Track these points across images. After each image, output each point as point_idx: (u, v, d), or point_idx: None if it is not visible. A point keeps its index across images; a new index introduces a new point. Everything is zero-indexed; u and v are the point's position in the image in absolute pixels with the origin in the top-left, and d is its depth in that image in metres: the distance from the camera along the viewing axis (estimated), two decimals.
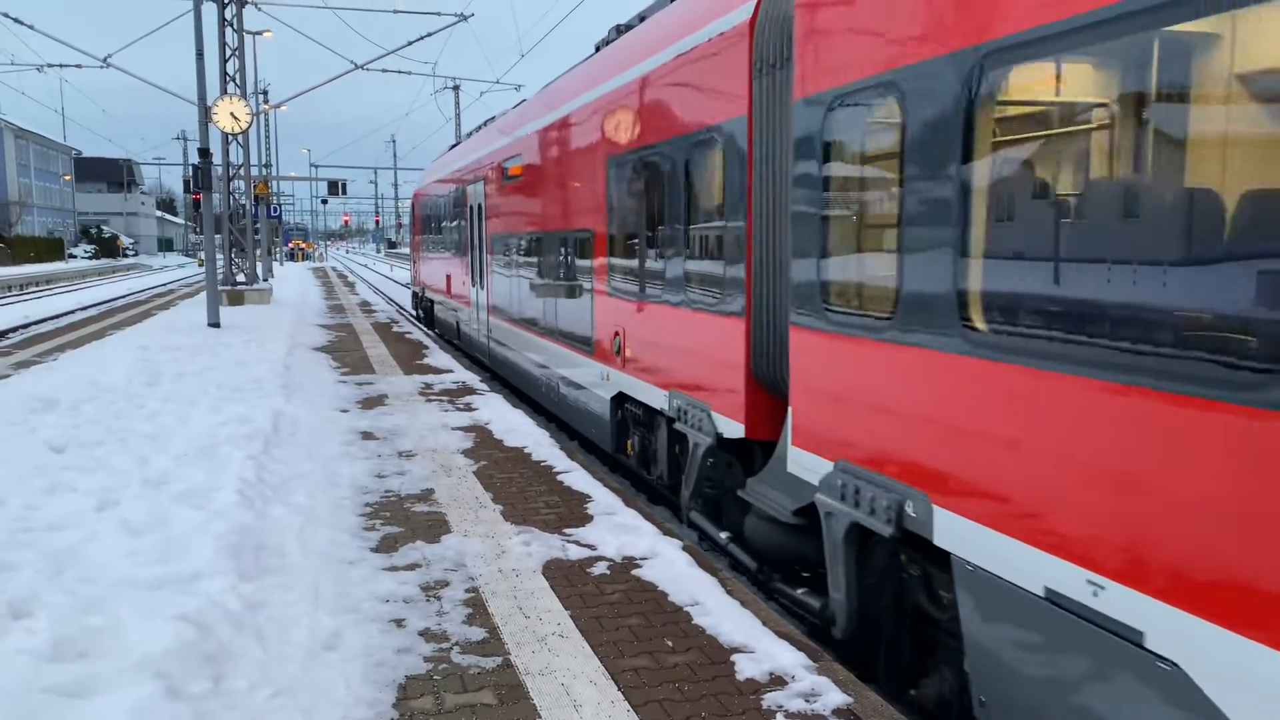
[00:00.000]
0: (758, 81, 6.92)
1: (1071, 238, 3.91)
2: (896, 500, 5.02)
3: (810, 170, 5.92)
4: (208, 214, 23.31)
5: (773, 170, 6.77)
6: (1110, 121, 3.82)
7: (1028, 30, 4.01)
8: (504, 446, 10.82)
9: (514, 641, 5.55)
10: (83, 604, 5.27)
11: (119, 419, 10.80)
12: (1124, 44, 3.61)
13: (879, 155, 5.29)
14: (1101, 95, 3.86)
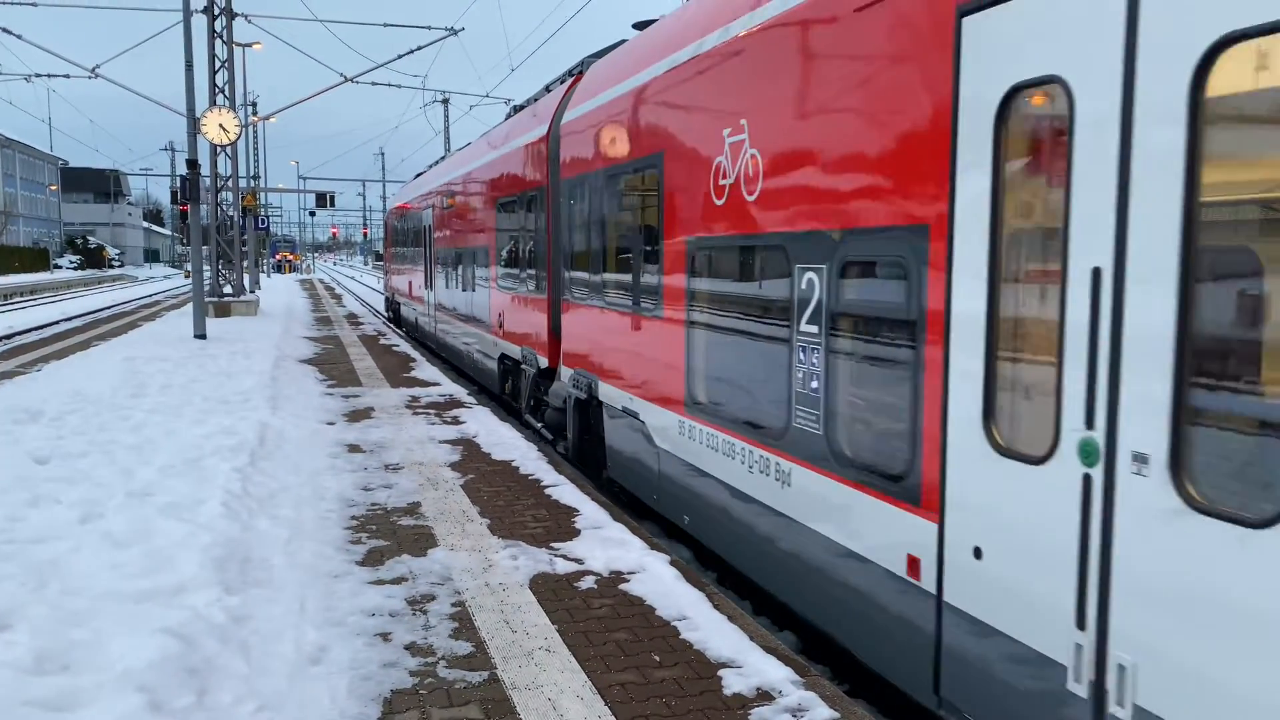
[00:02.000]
0: (550, 165, 12.02)
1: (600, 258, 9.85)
2: (588, 382, 10.40)
3: (564, 216, 11.19)
4: (195, 225, 23.25)
5: (556, 215, 11.80)
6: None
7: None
8: (491, 460, 10.80)
9: (501, 656, 5.52)
10: (65, 617, 5.23)
11: (104, 430, 10.74)
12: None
13: (585, 214, 10.43)
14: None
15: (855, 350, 5.48)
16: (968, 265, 4.50)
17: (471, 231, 17.67)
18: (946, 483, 4.68)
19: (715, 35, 7.12)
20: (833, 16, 5.59)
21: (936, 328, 4.73)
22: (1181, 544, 3.43)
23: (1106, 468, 3.75)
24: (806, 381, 5.96)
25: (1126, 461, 3.65)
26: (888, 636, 5.20)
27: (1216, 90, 3.34)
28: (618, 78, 9.55)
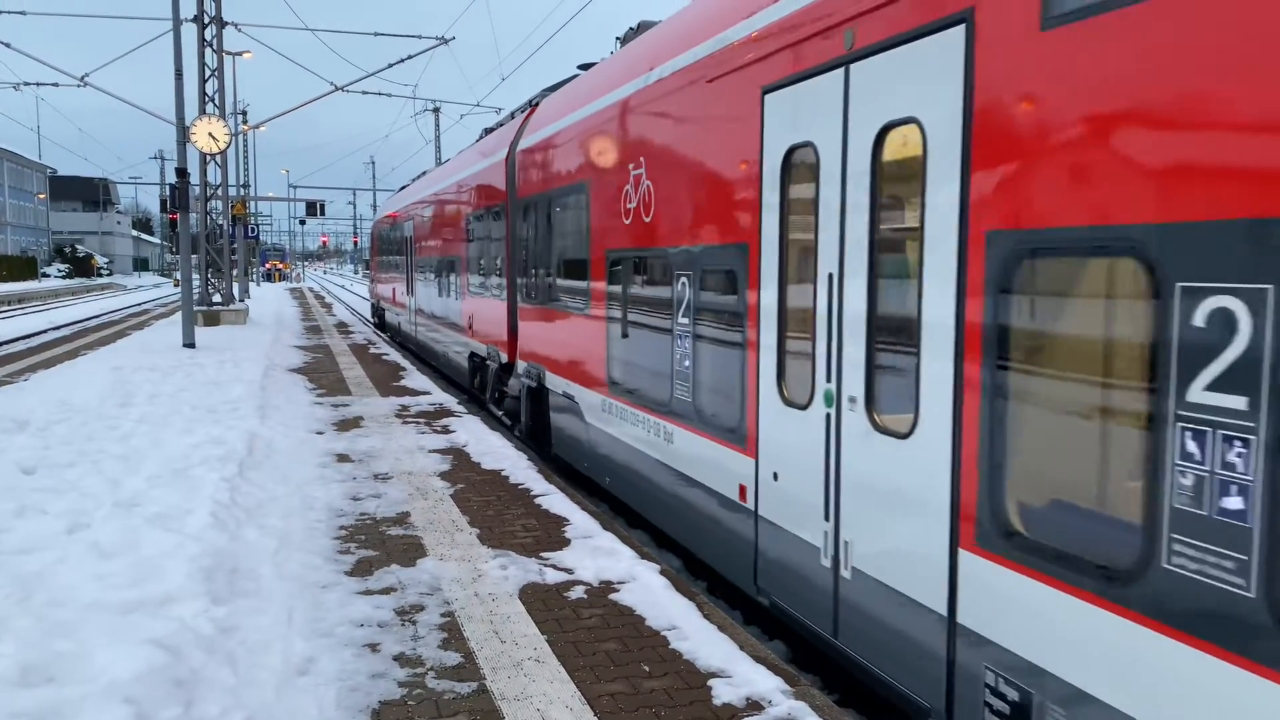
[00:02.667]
0: (509, 185, 13.72)
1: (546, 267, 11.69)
2: (538, 373, 12.11)
3: (519, 234, 13.07)
4: (184, 234, 23.19)
5: (513, 229, 13.51)
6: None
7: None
8: (481, 469, 10.77)
9: (490, 666, 5.51)
10: (51, 628, 5.20)
11: (91, 440, 10.69)
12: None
13: (534, 229, 12.22)
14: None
15: (709, 336, 7.31)
16: (768, 274, 6.32)
17: (446, 243, 19.73)
18: (760, 429, 6.49)
19: (623, 89, 9.03)
20: (693, 83, 7.40)
21: (752, 319, 6.54)
22: (871, 453, 5.26)
23: (837, 408, 5.55)
24: (682, 362, 7.80)
25: (847, 403, 5.46)
26: (728, 545, 7.08)
27: (878, 157, 5.14)
28: (557, 115, 11.54)
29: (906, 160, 5.00)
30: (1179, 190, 3.44)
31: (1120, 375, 3.81)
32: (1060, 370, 4.09)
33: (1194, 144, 3.39)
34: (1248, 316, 3.17)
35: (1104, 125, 3.76)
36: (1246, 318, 3.18)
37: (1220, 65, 3.28)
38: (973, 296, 4.46)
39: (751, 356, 6.56)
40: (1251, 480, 3.18)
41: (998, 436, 4.33)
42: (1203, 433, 3.36)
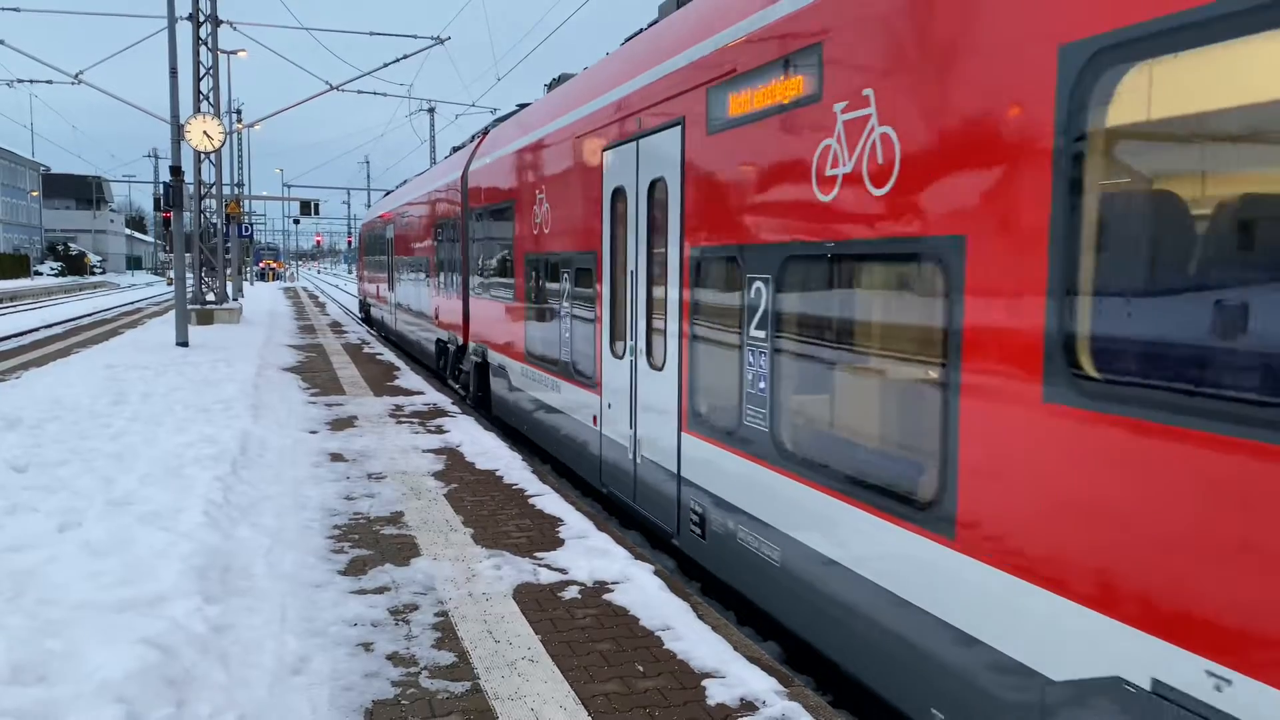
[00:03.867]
0: (463, 199, 16.66)
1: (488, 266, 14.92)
2: (482, 351, 15.28)
3: (475, 236, 15.62)
4: (178, 232, 23.13)
5: (467, 236, 16.46)
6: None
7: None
8: (475, 469, 10.76)
9: (483, 666, 5.49)
10: (42, 626, 5.17)
11: (83, 439, 10.65)
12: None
13: (481, 236, 15.24)
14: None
15: (578, 316, 10.32)
16: (606, 272, 9.37)
17: (418, 247, 22.89)
18: (603, 375, 9.53)
19: (534, 133, 12.16)
20: (571, 137, 10.51)
21: (599, 303, 9.55)
22: (648, 382, 8.26)
23: (634, 357, 8.59)
24: (563, 335, 10.89)
25: (640, 352, 8.45)
26: (587, 458, 10.21)
27: (653, 196, 8.04)
28: (495, 146, 14.78)
29: (660, 200, 8.02)
30: (747, 226, 6.49)
31: (733, 327, 6.72)
32: (718, 327, 6.98)
33: (748, 201, 6.47)
34: (769, 291, 6.20)
35: (725, 187, 6.80)
36: (768, 292, 6.21)
37: (759, 163, 6.33)
38: (682, 288, 7.49)
39: (599, 328, 9.63)
40: (768, 374, 6.28)
41: (694, 368, 7.41)
42: (756, 351, 6.40)
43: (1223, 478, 3.20)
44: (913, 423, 4.88)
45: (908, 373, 4.90)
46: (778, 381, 6.14)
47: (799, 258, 5.85)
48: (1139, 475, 3.50)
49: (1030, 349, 3.99)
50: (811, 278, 5.76)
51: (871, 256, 5.20)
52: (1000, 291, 4.17)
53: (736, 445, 6.71)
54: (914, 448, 4.88)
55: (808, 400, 5.91)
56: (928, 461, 4.71)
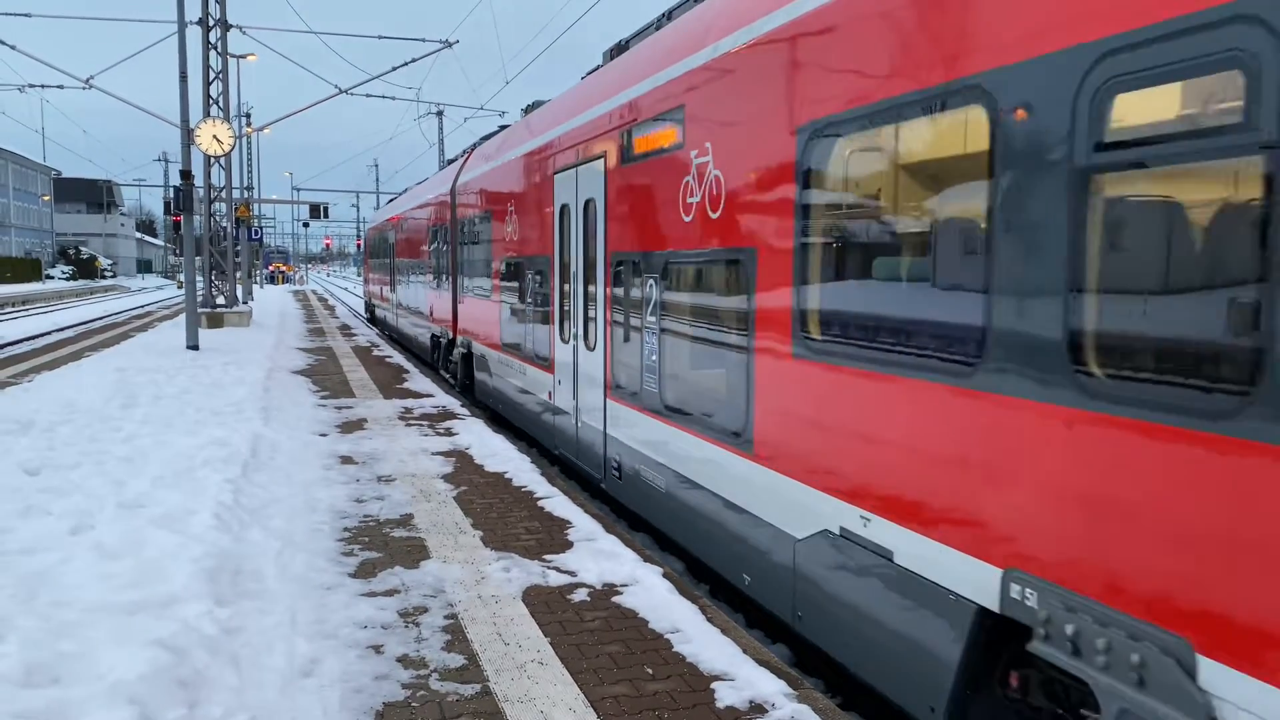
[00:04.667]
0: (452, 209, 18.99)
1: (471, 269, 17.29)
2: (467, 343, 17.65)
3: (462, 242, 17.96)
4: (188, 236, 23.22)
5: (456, 242, 18.53)
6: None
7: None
8: (484, 472, 10.78)
9: (493, 668, 5.51)
10: (55, 628, 5.21)
11: (95, 441, 10.71)
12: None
13: (466, 242, 17.63)
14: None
15: (536, 308, 12.42)
16: (557, 272, 11.30)
17: (415, 252, 25.23)
18: (555, 357, 11.45)
19: (505, 155, 14.51)
20: (533, 160, 12.61)
21: (553, 298, 11.47)
22: (586, 360, 10.30)
23: (575, 340, 10.57)
24: (526, 324, 12.98)
25: (579, 337, 10.42)
26: (544, 428, 12.29)
27: (587, 212, 10.09)
28: (477, 163, 17.19)
29: (592, 216, 10.03)
30: (644, 237, 8.44)
31: (637, 315, 8.68)
32: (628, 315, 8.98)
33: (644, 218, 8.49)
34: (656, 287, 8.12)
35: (631, 207, 8.84)
36: (656, 288, 8.13)
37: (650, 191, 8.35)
38: (605, 286, 9.64)
39: (553, 319, 11.59)
40: (656, 349, 8.24)
41: (614, 348, 9.45)
42: (649, 332, 8.37)
43: (866, 400, 5.32)
44: (732, 377, 6.89)
45: (730, 342, 6.91)
46: (661, 354, 8.29)
47: (672, 262, 7.99)
48: (840, 402, 5.57)
49: (786, 322, 6.11)
50: (680, 277, 7.92)
51: (711, 261, 7.29)
52: (773, 285, 6.25)
53: (639, 404, 8.84)
54: (733, 394, 6.86)
55: (677, 366, 8.04)
56: (740, 403, 6.71)
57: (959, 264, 4.69)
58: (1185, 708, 3.38)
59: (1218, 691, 3.30)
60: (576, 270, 10.59)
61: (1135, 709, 3.62)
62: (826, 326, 5.70)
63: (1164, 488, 3.54)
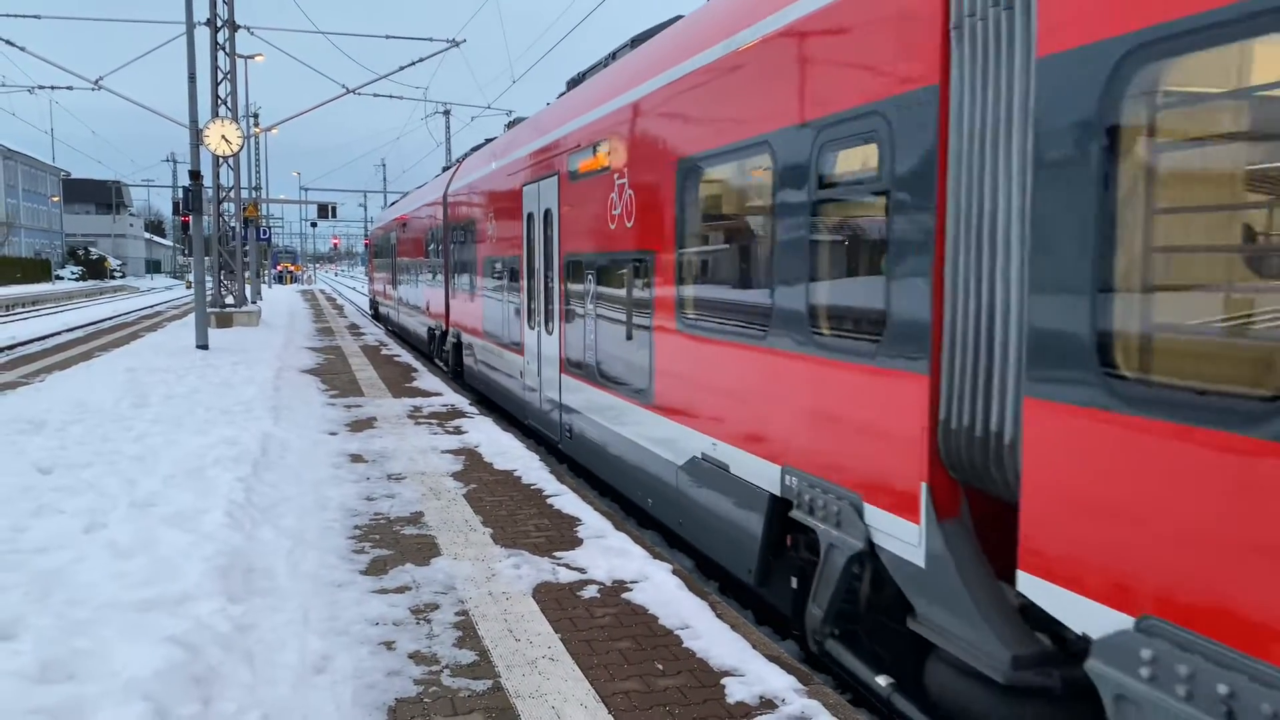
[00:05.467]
0: (444, 215, 21.39)
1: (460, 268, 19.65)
2: (458, 333, 20.12)
3: (453, 244, 20.35)
4: (197, 236, 23.31)
5: (448, 245, 20.90)
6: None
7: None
8: (494, 469, 10.81)
9: (504, 664, 5.53)
10: (70, 626, 5.24)
11: (107, 441, 10.76)
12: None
13: (456, 244, 20.04)
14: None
15: (511, 300, 14.35)
16: (525, 270, 13.35)
17: (415, 251, 27.25)
18: (524, 341, 13.63)
19: (485, 168, 16.72)
20: (507, 174, 14.59)
21: (523, 291, 13.48)
22: (547, 344, 12.37)
23: (539, 327, 12.75)
24: (503, 314, 14.99)
25: (542, 324, 12.55)
26: (518, 404, 14.39)
27: (546, 219, 12.19)
28: (464, 175, 19.54)
29: (550, 223, 11.95)
30: (584, 241, 10.51)
31: (581, 304, 10.67)
32: (575, 304, 10.87)
33: (584, 226, 10.54)
34: (594, 281, 10.30)
35: (576, 217, 10.82)
36: (593, 282, 10.31)
37: (588, 204, 10.40)
38: (559, 282, 11.47)
39: (523, 310, 13.65)
40: (594, 331, 10.46)
41: (566, 331, 11.27)
42: (590, 317, 10.50)
43: (713, 360, 7.39)
44: (641, 349, 8.96)
45: (639, 323, 9.01)
46: (596, 335, 10.41)
47: (603, 261, 10.06)
48: (701, 362, 7.61)
49: (671, 306, 8.14)
50: (608, 273, 9.96)
51: (627, 261, 9.32)
52: (665, 280, 8.28)
53: (583, 376, 10.92)
54: (641, 362, 8.97)
55: (606, 344, 10.13)
56: (645, 367, 8.84)
57: (760, 266, 6.72)
58: (856, 534, 5.52)
59: (871, 522, 5.43)
60: (539, 268, 12.68)
61: (835, 541, 5.71)
62: (694, 308, 7.79)
63: (843, 406, 5.67)
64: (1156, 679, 3.51)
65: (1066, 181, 3.96)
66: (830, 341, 5.75)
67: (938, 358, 4.87)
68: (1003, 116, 4.43)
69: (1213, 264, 3.52)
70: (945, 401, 4.81)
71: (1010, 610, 4.58)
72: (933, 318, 4.86)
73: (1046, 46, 4.06)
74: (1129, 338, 3.71)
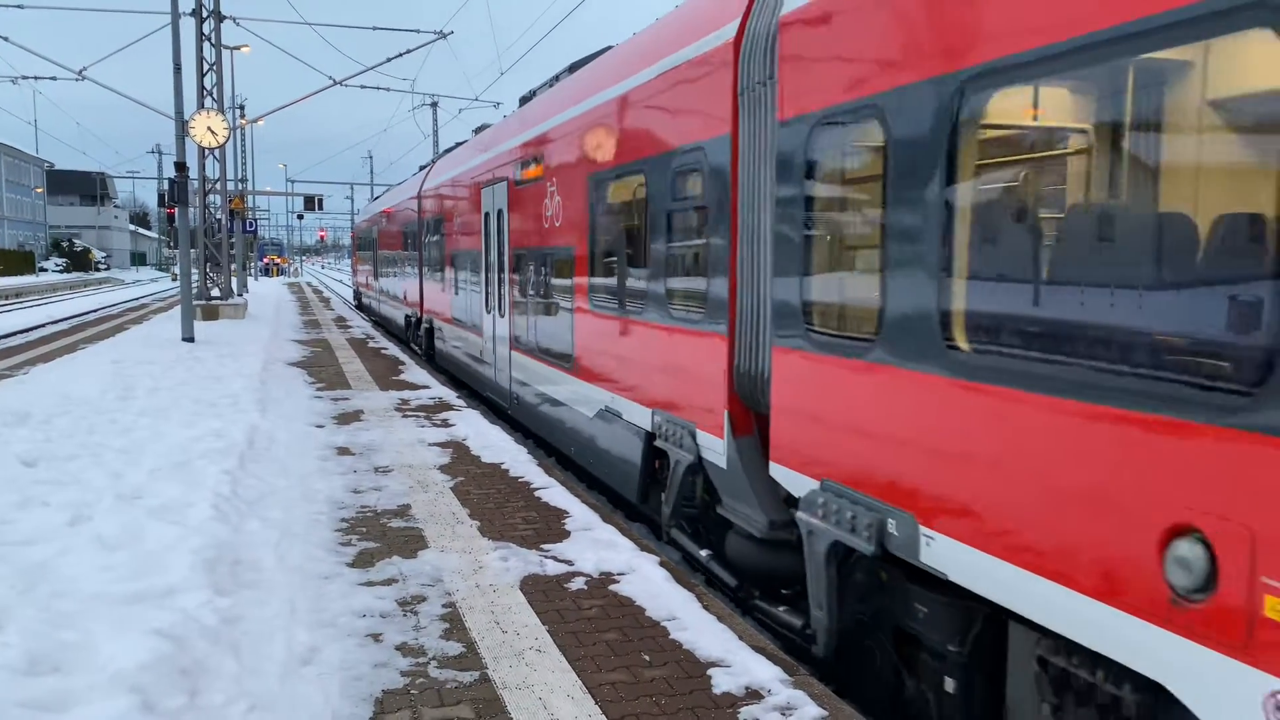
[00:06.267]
0: (418, 210, 23.81)
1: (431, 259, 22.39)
2: (430, 319, 22.53)
3: (425, 238, 22.81)
4: (183, 228, 23.19)
5: (422, 237, 23.29)
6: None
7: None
8: (481, 462, 10.82)
9: (491, 656, 5.55)
10: (56, 619, 5.23)
11: (92, 433, 10.71)
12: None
13: (429, 238, 22.29)
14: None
15: (472, 288, 16.63)
16: (483, 261, 15.58)
17: (392, 246, 29.69)
18: (483, 324, 15.84)
19: (451, 170, 19.03)
20: (469, 178, 16.86)
21: (482, 281, 15.68)
22: (500, 325, 14.62)
23: (494, 311, 15.01)
24: (465, 300, 17.28)
25: (495, 311, 14.89)
26: (479, 379, 16.69)
27: (499, 218, 14.37)
28: (436, 175, 21.75)
29: (502, 220, 14.02)
30: (526, 237, 12.72)
31: (523, 290, 12.96)
32: (519, 291, 13.17)
33: (525, 225, 12.79)
34: (533, 271, 12.49)
35: (520, 216, 13.10)
36: (533, 271, 12.49)
37: (529, 205, 12.53)
38: (508, 273, 13.71)
39: (483, 295, 15.63)
40: (532, 311, 12.73)
41: (514, 314, 13.54)
42: (531, 301, 12.69)
43: (610, 331, 9.44)
44: (566, 327, 10.90)
45: (565, 305, 10.92)
46: (535, 316, 12.45)
47: (539, 255, 12.08)
48: (602, 334, 9.66)
49: (586, 291, 10.08)
50: (543, 264, 11.91)
51: (556, 254, 11.25)
52: (581, 271, 10.25)
53: (525, 350, 13.03)
54: (567, 337, 10.87)
55: (542, 323, 12.07)
56: (569, 341, 10.78)
57: (637, 260, 8.77)
58: (690, 451, 7.57)
59: (700, 442, 7.42)
60: (494, 260, 14.86)
61: (679, 458, 7.82)
62: (597, 292, 9.83)
63: (682, 361, 7.74)
64: (825, 516, 5.60)
65: (787, 203, 5.99)
66: (677, 314, 7.81)
67: (734, 324, 6.88)
68: (764, 157, 6.38)
69: (841, 260, 5.66)
70: (738, 353, 6.83)
71: (773, 491, 6.63)
72: (730, 296, 6.88)
73: (782, 114, 6.07)
74: (814, 306, 5.79)
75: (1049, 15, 3.86)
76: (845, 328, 5.50)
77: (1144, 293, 3.51)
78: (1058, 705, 4.19)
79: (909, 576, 5.12)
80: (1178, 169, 3.57)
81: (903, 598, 5.25)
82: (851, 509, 5.29)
